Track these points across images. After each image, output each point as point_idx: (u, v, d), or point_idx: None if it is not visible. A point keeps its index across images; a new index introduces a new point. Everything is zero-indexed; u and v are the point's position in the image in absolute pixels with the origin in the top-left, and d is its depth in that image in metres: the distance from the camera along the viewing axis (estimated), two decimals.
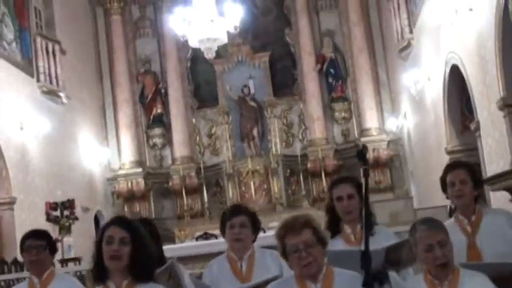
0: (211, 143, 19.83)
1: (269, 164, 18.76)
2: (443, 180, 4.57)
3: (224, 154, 19.34)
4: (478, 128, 11.26)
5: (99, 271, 3.58)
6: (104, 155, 18.96)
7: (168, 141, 19.79)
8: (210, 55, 13.30)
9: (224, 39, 13.63)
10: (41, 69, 15.43)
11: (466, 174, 4.49)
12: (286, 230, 3.57)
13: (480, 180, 4.61)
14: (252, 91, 19.56)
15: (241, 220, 4.70)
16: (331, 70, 19.47)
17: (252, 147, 19.38)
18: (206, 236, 16.29)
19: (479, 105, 11.08)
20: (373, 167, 18.61)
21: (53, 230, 11.27)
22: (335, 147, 19.29)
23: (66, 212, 11.88)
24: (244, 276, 4.61)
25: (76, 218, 11.79)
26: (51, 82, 15.79)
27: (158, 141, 19.81)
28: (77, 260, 10.37)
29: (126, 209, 19.10)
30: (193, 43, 13.52)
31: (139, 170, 19.09)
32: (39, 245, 4.84)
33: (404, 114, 17.64)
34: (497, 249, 4.28)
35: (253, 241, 4.89)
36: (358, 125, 19.30)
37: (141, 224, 4.94)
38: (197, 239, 16.03)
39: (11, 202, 13.31)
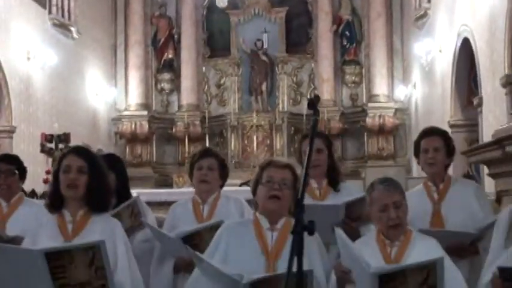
0: (219, 93, 19.74)
1: (274, 120, 18.69)
2: (417, 144, 4.53)
3: (230, 106, 19.27)
4: (480, 104, 11.17)
5: (56, 199, 3.59)
6: (111, 94, 18.95)
7: (176, 87, 19.74)
8: (222, 4, 13.17)
9: None
10: (54, 1, 15.35)
11: (440, 142, 4.44)
12: (269, 163, 3.67)
13: (453, 149, 4.56)
14: (265, 46, 19.39)
15: (209, 162, 4.63)
16: (347, 32, 19.29)
17: (259, 102, 19.30)
18: None
19: (484, 81, 10.98)
20: (377, 133, 18.61)
21: (46, 162, 11.34)
22: (342, 110, 19.21)
23: (61, 145, 11.90)
24: (204, 220, 4.58)
25: None
26: (63, 15, 15.77)
27: (166, 86, 19.76)
28: None
29: (128, 149, 19.16)
30: None
31: (145, 112, 19.09)
32: (8, 169, 4.84)
33: (414, 84, 17.50)
34: (460, 219, 4.25)
35: (221, 186, 4.87)
36: (367, 91, 19.17)
37: (109, 159, 4.97)
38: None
39: (11, 131, 13.38)
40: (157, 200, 10.33)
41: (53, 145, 11.90)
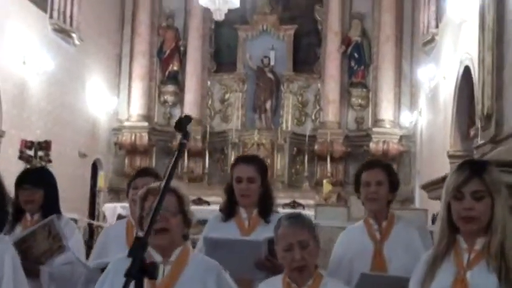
0: (222, 108, 19.45)
1: (276, 139, 18.35)
2: (357, 178, 4.18)
3: (233, 122, 18.96)
4: (476, 135, 10.73)
5: None
6: (112, 103, 18.70)
7: (180, 100, 19.46)
8: (219, 17, 12.90)
9: (236, 3, 13.16)
10: (56, 6, 15.15)
11: (383, 175, 4.08)
12: (148, 192, 3.27)
13: (397, 183, 4.20)
14: (272, 63, 19.10)
15: (145, 182, 4.32)
16: (355, 54, 18.95)
17: (263, 120, 18.99)
18: (199, 202, 16.06)
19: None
20: (381, 159, 18.14)
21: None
22: (346, 133, 18.83)
23: (40, 153, 11.61)
24: None
25: (50, 161, 11.48)
26: (64, 21, 15.52)
27: (169, 98, 19.50)
28: None
29: (127, 161, 18.92)
30: (204, 2, 13.09)
31: (145, 124, 18.83)
32: None
33: (420, 110, 17.10)
34: (404, 262, 3.86)
35: None
36: (373, 115, 18.78)
37: (38, 173, 4.67)
38: None
39: None
40: None
41: (32, 152, 11.61)
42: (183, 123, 2.45)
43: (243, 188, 4.18)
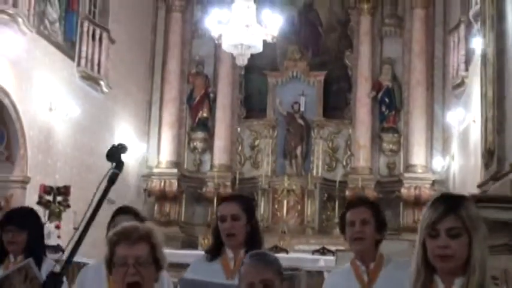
0: (252, 155, 19.30)
1: (306, 185, 18.11)
2: (342, 217, 3.97)
3: (264, 168, 18.78)
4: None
5: None
6: (142, 150, 18.68)
7: (209, 146, 19.37)
8: (242, 62, 12.85)
9: (259, 48, 13.10)
10: (83, 54, 15.27)
11: (368, 214, 3.87)
12: (119, 237, 3.04)
13: (384, 222, 3.97)
14: (302, 108, 18.93)
15: (124, 219, 4.18)
16: (386, 99, 18.70)
17: (294, 166, 18.77)
18: None
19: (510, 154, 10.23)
20: (413, 205, 17.80)
21: (43, 215, 11.03)
22: (378, 178, 18.51)
23: (59, 198, 11.56)
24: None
25: (68, 206, 11.44)
26: (92, 69, 15.62)
27: (199, 145, 19.42)
28: (59, 248, 9.98)
29: (156, 207, 18.82)
30: (227, 47, 13.07)
31: (175, 171, 18.73)
32: None
33: (453, 155, 16.75)
34: None
35: None
36: (404, 160, 18.45)
37: (21, 214, 4.55)
38: None
39: (24, 181, 13.14)
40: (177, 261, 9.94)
41: (51, 197, 11.57)
42: (114, 152, 2.30)
43: (226, 227, 4.00)
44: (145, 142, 19.01)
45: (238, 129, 19.35)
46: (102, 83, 16.00)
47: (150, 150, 19.11)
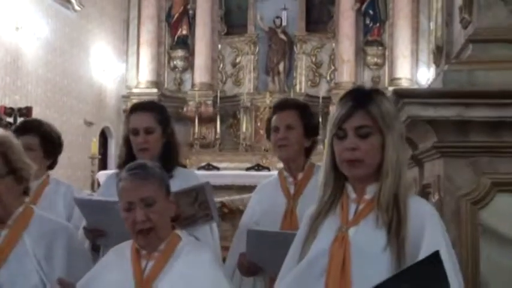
0: (234, 72, 18.82)
1: None
2: (268, 122, 3.58)
3: (245, 86, 18.34)
4: None
5: None
6: (120, 70, 18.18)
7: (190, 65, 18.87)
8: None
9: None
10: None
11: (294, 118, 3.46)
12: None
13: (314, 127, 3.57)
14: (284, 23, 18.36)
15: (26, 141, 3.75)
16: (370, 11, 18.08)
17: (276, 83, 18.32)
18: (208, 167, 15.56)
19: None
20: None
21: None
22: None
23: (20, 119, 11.14)
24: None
25: None
26: None
27: (179, 63, 18.92)
28: None
29: None
30: None
31: (155, 90, 18.27)
32: None
33: None
34: None
35: (49, 167, 4.06)
36: (389, 73, 17.99)
37: None
38: (199, 169, 15.31)
39: None
40: None
41: (12, 119, 11.15)
42: None
43: (139, 141, 3.61)
44: (123, 62, 18.51)
45: (219, 46, 18.81)
46: (73, 0, 15.39)
47: (129, 70, 18.63)
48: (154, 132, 3.60)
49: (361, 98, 2.31)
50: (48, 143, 3.96)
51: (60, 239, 2.76)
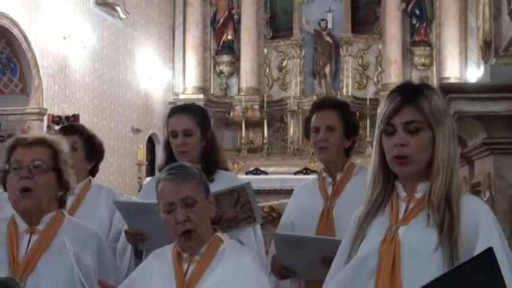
0: (280, 76, 18.74)
1: None
2: (307, 122, 3.49)
3: (292, 89, 18.26)
4: None
5: None
6: (166, 77, 18.27)
7: (236, 70, 18.86)
8: None
9: None
10: None
11: (334, 118, 3.37)
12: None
13: (354, 126, 3.47)
14: (330, 25, 18.24)
15: (70, 141, 3.74)
16: (416, 11, 17.86)
17: (323, 86, 18.18)
18: (256, 172, 15.56)
19: None
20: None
21: None
22: None
23: None
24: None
25: None
26: None
27: (225, 68, 18.91)
28: None
29: None
30: None
31: (201, 96, 18.27)
32: None
33: None
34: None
35: (90, 172, 4.04)
36: (437, 73, 17.74)
37: None
38: (247, 174, 15.31)
39: (41, 113, 12.87)
40: None
41: (60, 127, 11.23)
42: None
43: (178, 143, 3.56)
44: (170, 68, 18.60)
45: (265, 50, 18.77)
46: (118, 8, 15.52)
47: (175, 77, 18.70)
48: (193, 134, 3.54)
49: (410, 92, 2.24)
50: (91, 146, 3.98)
51: (91, 246, 2.74)
